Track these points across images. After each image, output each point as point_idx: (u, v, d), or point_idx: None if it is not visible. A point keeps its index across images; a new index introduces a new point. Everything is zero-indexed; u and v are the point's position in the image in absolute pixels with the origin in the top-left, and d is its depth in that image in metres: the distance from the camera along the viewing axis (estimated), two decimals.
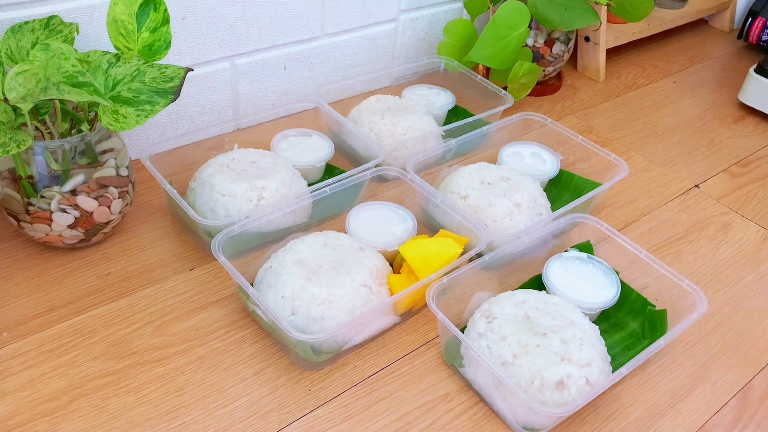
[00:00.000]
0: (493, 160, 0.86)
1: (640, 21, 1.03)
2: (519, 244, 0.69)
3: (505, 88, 0.94)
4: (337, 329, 0.59)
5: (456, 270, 0.64)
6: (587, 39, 1.13)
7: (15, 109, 0.58)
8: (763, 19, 1.26)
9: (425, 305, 0.68)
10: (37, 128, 0.62)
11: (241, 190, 0.71)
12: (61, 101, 0.62)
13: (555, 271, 0.70)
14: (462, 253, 0.67)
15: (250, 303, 0.63)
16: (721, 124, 1.05)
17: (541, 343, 0.58)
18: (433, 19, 1.05)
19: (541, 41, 1.02)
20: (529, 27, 0.95)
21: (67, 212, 0.65)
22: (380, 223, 0.73)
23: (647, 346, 0.59)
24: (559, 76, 1.11)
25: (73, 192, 0.64)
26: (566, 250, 0.73)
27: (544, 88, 1.08)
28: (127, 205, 0.70)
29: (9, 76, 0.55)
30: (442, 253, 0.66)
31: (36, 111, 0.62)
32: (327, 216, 0.77)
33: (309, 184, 0.79)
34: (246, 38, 0.86)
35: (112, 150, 0.67)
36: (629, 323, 0.69)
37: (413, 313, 0.68)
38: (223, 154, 0.76)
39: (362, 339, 0.64)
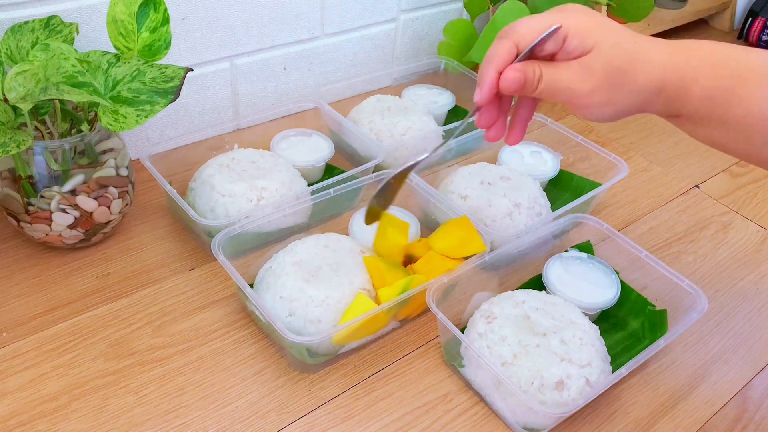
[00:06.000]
0: (493, 160, 0.86)
1: (640, 21, 1.03)
2: (519, 244, 0.69)
3: None
4: (330, 332, 0.59)
5: (456, 270, 0.64)
6: None
7: (15, 109, 0.58)
8: (763, 19, 1.26)
9: (423, 312, 0.68)
10: (37, 128, 0.62)
11: (241, 190, 0.71)
12: (61, 101, 0.62)
13: (555, 271, 0.70)
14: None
15: (250, 303, 0.63)
16: None
17: (541, 343, 0.58)
18: (433, 19, 1.05)
19: None
20: None
21: (66, 212, 0.65)
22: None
23: (647, 346, 0.59)
24: None
25: (73, 192, 0.64)
26: (566, 250, 0.73)
27: None
28: (127, 205, 0.70)
29: (9, 76, 0.55)
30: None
31: (36, 111, 0.62)
32: (327, 216, 0.77)
33: (309, 184, 0.79)
34: (246, 38, 0.86)
35: (112, 150, 0.67)
36: (629, 323, 0.69)
37: (411, 318, 0.68)
38: (223, 154, 0.76)
39: (359, 343, 0.63)
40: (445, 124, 0.95)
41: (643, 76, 0.50)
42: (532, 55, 0.52)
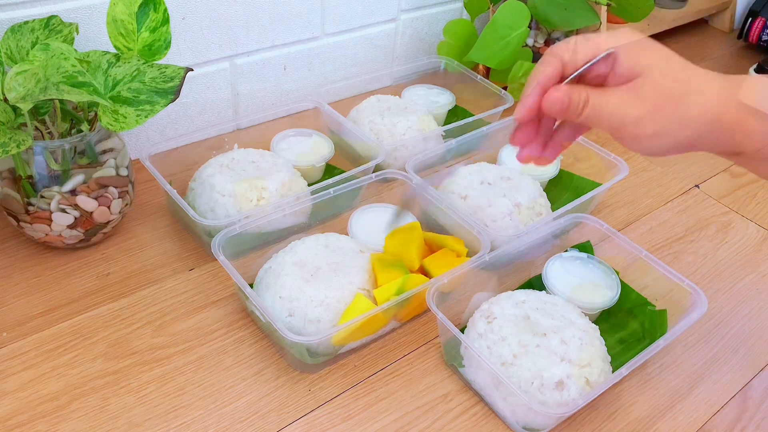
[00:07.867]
0: (493, 160, 0.86)
1: (640, 21, 1.03)
2: (519, 244, 0.69)
3: (505, 88, 0.94)
4: (330, 332, 0.58)
5: (456, 270, 0.64)
6: None
7: (15, 109, 0.58)
8: (763, 19, 1.26)
9: (423, 312, 0.68)
10: (36, 128, 0.62)
11: (241, 190, 0.71)
12: (61, 101, 0.62)
13: (555, 271, 0.70)
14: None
15: (250, 303, 0.63)
16: None
17: (541, 343, 0.58)
18: (433, 19, 1.05)
19: (541, 41, 1.02)
20: (529, 27, 0.95)
21: (66, 212, 0.65)
22: (382, 225, 0.73)
23: (647, 346, 0.59)
24: None
25: (73, 192, 0.64)
26: (566, 250, 0.73)
27: None
28: (126, 205, 0.70)
29: (9, 76, 0.55)
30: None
31: (36, 111, 0.62)
32: (327, 216, 0.76)
33: (309, 184, 0.79)
34: (246, 38, 0.85)
35: (111, 150, 0.67)
36: (629, 323, 0.69)
37: (411, 318, 0.68)
38: (223, 154, 0.76)
39: (359, 343, 0.63)
40: (445, 124, 0.95)
41: (697, 106, 0.47)
42: (582, 79, 0.49)
